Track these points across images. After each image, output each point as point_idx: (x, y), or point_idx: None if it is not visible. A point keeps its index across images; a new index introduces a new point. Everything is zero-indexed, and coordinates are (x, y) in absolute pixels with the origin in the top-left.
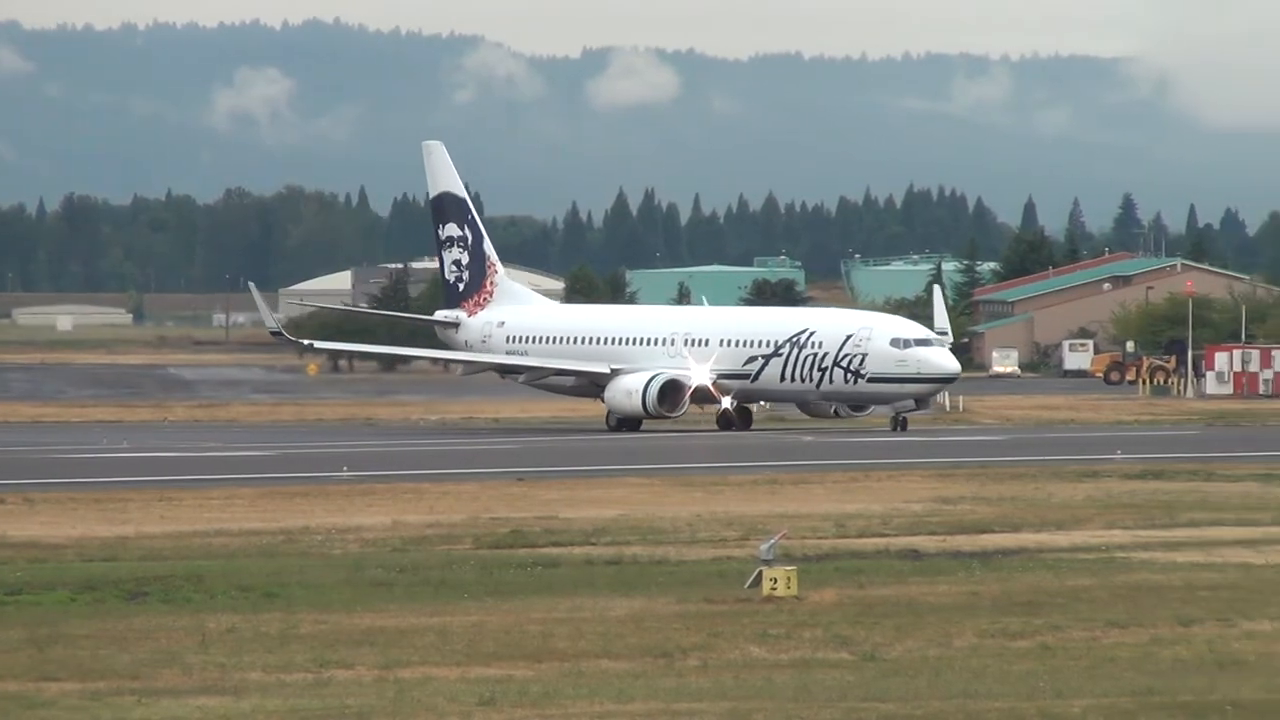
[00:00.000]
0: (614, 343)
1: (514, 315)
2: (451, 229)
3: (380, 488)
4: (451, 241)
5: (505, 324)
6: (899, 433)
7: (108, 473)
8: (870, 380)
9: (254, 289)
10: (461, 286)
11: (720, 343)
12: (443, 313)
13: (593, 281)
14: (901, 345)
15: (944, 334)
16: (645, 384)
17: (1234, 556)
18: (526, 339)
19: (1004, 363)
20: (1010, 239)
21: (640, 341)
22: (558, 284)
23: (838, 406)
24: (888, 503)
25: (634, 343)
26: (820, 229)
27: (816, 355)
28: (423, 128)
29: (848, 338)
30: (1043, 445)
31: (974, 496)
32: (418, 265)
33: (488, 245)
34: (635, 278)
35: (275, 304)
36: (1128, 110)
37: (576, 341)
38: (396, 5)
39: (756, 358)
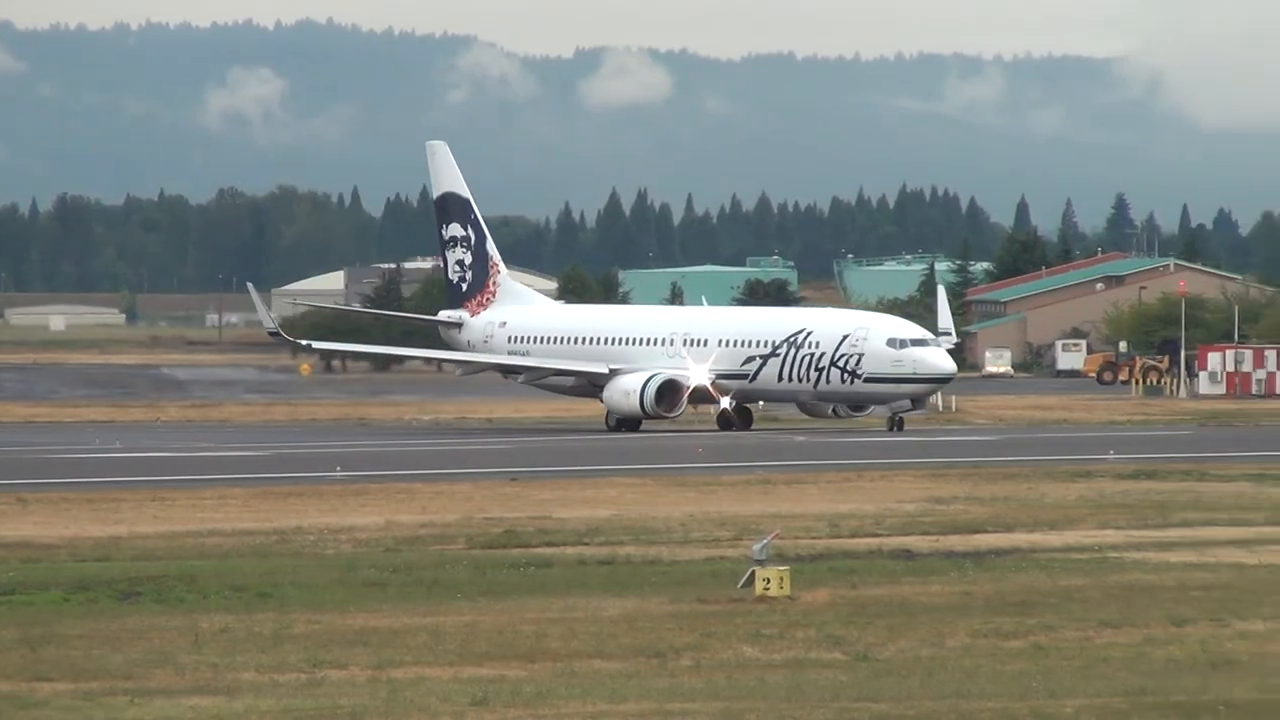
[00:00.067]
0: (614, 343)
1: (516, 315)
2: (455, 229)
3: (373, 488)
4: (455, 241)
5: (507, 324)
6: (896, 433)
7: (101, 473)
8: (866, 380)
9: (252, 289)
10: (465, 286)
11: (719, 343)
12: (446, 313)
13: (586, 282)
14: (898, 345)
15: (947, 334)
16: (643, 384)
17: (1227, 556)
18: (528, 339)
19: (997, 363)
20: (1003, 239)
21: (639, 342)
22: (550, 284)
23: (836, 406)
24: (881, 503)
25: (633, 343)
26: (813, 229)
27: (813, 355)
28: (416, 128)
29: (844, 338)
30: (1036, 445)
31: (967, 496)
32: (410, 265)
33: (490, 245)
34: (628, 278)
35: (268, 304)
36: (1120, 110)
37: (577, 342)
38: (389, 5)
39: (755, 358)
